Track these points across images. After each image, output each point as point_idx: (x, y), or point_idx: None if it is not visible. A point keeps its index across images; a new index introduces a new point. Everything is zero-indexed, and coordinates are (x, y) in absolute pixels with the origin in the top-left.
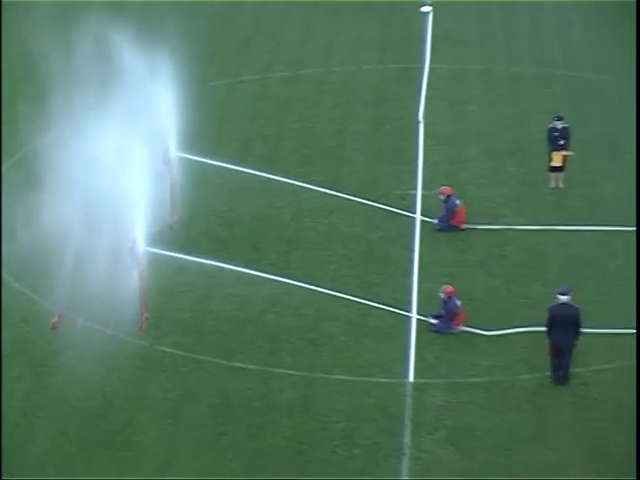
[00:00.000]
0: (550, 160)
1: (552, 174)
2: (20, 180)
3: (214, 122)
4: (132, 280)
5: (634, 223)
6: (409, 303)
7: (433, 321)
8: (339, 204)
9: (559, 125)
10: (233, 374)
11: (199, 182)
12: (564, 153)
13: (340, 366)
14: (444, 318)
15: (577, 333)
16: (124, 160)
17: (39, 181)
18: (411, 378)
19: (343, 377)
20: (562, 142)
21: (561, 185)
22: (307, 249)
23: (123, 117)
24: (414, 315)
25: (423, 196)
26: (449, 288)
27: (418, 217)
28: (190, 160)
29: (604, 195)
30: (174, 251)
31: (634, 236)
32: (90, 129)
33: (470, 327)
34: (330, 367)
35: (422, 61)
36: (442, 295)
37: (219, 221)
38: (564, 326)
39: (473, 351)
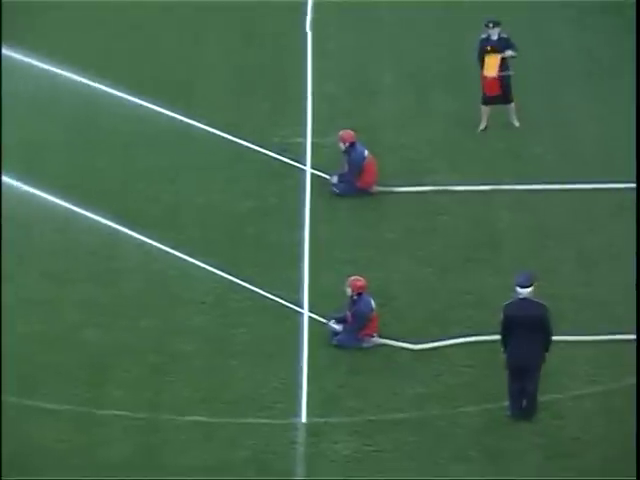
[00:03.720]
0: (484, 80)
1: (486, 107)
2: None
3: None
4: None
5: (624, 178)
6: (298, 305)
7: (336, 327)
8: (189, 162)
9: (495, 35)
10: (37, 419)
11: None
12: (501, 56)
13: (197, 402)
14: (351, 325)
15: (546, 342)
16: None
17: None
18: (304, 417)
19: (202, 419)
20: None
21: (516, 123)
22: (144, 230)
23: None
24: (305, 321)
25: (314, 146)
26: (358, 281)
27: (308, 177)
28: None
29: (577, 140)
30: None
31: (624, 197)
32: None
33: (388, 338)
34: (182, 405)
35: None
36: (348, 291)
37: None
38: (527, 333)
39: (394, 374)
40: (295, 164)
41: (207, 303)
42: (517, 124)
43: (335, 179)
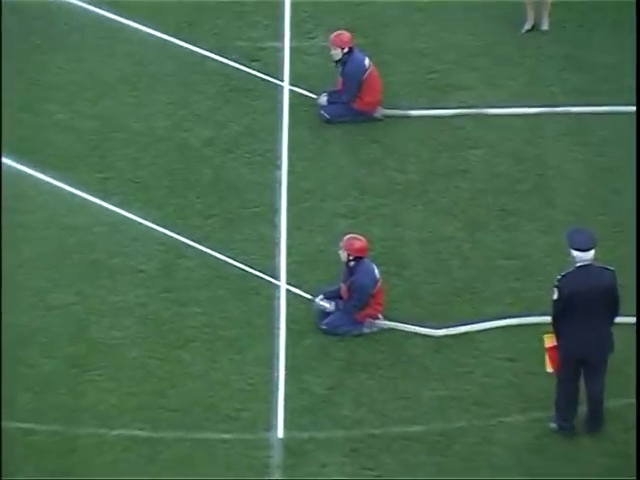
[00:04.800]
0: None
1: (529, 1)
2: None
3: None
4: None
5: None
6: (272, 274)
7: (326, 305)
8: (119, 74)
9: None
10: None
11: None
12: None
13: (131, 410)
14: (347, 303)
15: (612, 322)
16: None
17: None
18: (280, 431)
19: (138, 433)
20: None
21: (545, 26)
22: (56, 170)
23: None
24: (283, 296)
25: (295, 52)
26: (357, 241)
27: (286, 96)
28: None
29: None
30: None
31: None
32: None
33: (399, 321)
34: (111, 413)
35: None
36: (343, 255)
37: None
38: (591, 312)
39: (405, 371)
40: (268, 78)
41: (147, 272)
42: (546, 28)
43: (324, 99)
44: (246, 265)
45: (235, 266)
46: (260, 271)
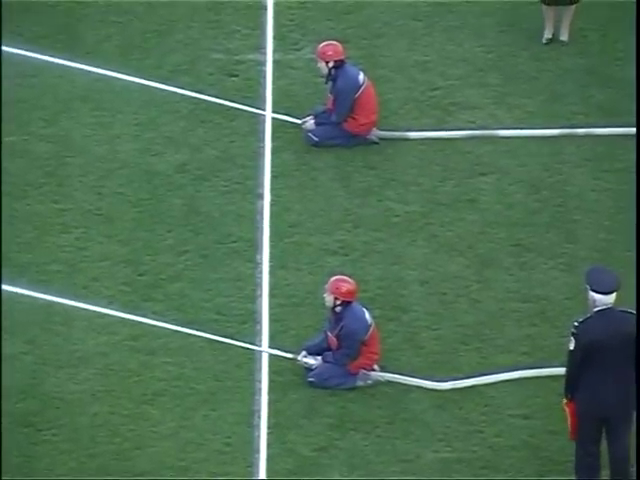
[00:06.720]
0: None
1: (549, 8)
2: None
3: None
4: None
5: None
6: (253, 318)
7: (311, 362)
8: (77, 89)
9: None
10: None
11: None
12: None
13: (90, 475)
14: (336, 354)
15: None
16: None
17: None
18: None
19: None
20: None
21: (564, 37)
22: (7, 197)
23: None
24: (265, 342)
25: (278, 65)
26: (344, 284)
27: (268, 116)
28: None
29: None
30: None
31: None
32: None
33: (398, 373)
34: (71, 478)
35: None
36: (329, 299)
37: None
38: (612, 363)
39: (405, 430)
40: (248, 95)
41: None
42: (565, 39)
43: (311, 123)
44: (223, 308)
45: (210, 310)
46: (239, 315)
